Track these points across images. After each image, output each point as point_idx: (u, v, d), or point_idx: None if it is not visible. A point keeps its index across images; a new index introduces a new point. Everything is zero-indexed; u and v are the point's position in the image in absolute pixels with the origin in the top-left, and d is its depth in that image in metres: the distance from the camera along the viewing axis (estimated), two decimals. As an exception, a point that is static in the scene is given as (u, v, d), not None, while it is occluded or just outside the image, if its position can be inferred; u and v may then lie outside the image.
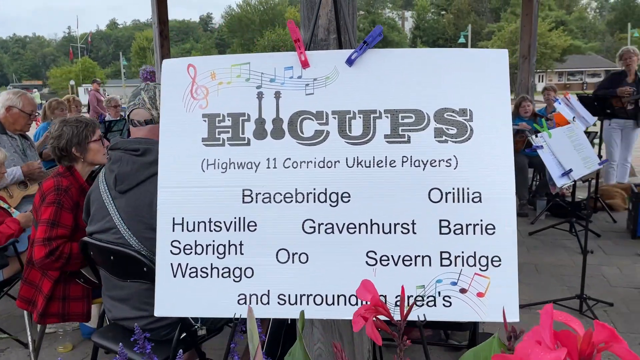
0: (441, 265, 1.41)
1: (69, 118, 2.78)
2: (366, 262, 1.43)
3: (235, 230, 1.47)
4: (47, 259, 2.52)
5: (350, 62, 1.46)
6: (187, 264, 1.48)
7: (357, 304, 1.42)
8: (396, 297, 1.41)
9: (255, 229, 1.46)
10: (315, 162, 1.45)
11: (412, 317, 1.38)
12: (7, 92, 4.02)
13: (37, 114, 4.14)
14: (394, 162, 1.43)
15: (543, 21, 39.59)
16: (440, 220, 1.41)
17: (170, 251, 1.50)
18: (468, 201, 1.41)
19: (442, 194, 1.42)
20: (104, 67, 78.23)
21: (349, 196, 1.44)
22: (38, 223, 2.60)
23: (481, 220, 1.40)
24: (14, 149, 3.88)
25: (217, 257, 1.47)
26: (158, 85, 2.27)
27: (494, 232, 1.40)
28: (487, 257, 1.40)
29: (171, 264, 1.49)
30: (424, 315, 1.39)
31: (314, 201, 1.44)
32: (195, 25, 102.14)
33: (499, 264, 1.39)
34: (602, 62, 47.50)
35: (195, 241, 1.48)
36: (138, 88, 2.23)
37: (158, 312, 1.53)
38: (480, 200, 1.40)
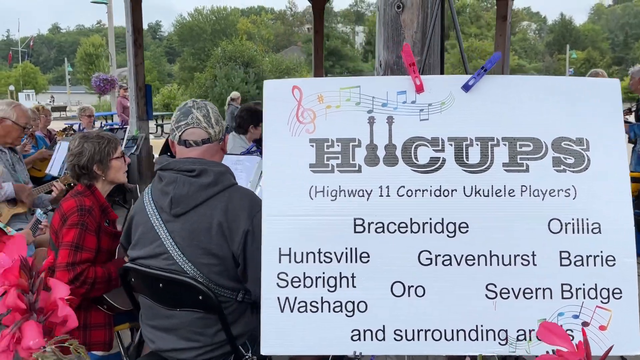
0: (562, 297, 1.38)
1: (89, 134, 2.59)
2: (486, 295, 1.39)
3: (346, 261, 1.39)
4: (71, 285, 2.33)
5: (467, 87, 1.43)
6: (296, 297, 1.39)
7: (477, 338, 1.38)
8: (518, 332, 1.37)
9: (368, 261, 1.39)
10: (430, 191, 1.40)
11: (537, 351, 1.34)
12: (0, 102, 3.73)
13: (30, 126, 3.87)
14: (513, 191, 1.40)
15: (491, 42, 41.39)
16: (561, 252, 1.39)
17: (277, 284, 1.40)
18: (588, 232, 1.39)
19: (561, 225, 1.40)
20: (46, 73, 75.00)
21: (467, 226, 1.40)
22: (59, 246, 2.40)
23: (601, 252, 1.39)
24: (3, 163, 3.61)
25: (328, 290, 1.39)
26: (208, 102, 2.15)
27: (614, 264, 1.39)
28: (608, 290, 1.39)
29: (278, 298, 1.40)
30: (552, 351, 1.36)
31: (430, 231, 1.39)
32: (144, 33, 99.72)
33: (620, 296, 1.38)
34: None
35: (304, 273, 1.39)
36: (186, 106, 2.10)
37: (265, 350, 1.42)
38: (599, 232, 1.40)
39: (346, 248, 1.39)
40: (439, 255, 1.39)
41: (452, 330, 1.38)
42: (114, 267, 2.47)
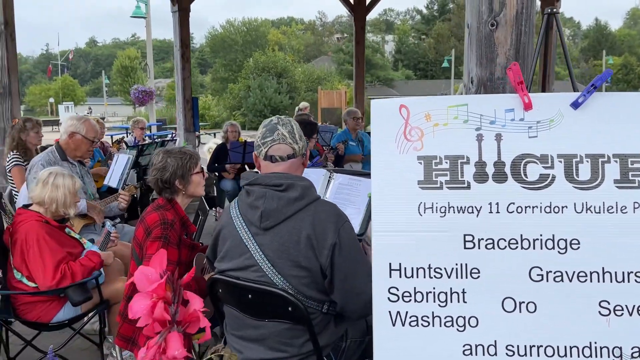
0: (679, 314, 1.38)
1: (172, 149, 2.69)
2: (599, 312, 1.39)
3: (457, 277, 1.41)
4: (156, 296, 2.41)
5: (576, 105, 1.44)
6: (407, 312, 1.42)
7: (590, 355, 1.38)
8: (632, 349, 1.37)
9: (478, 276, 1.41)
10: (541, 207, 1.41)
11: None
12: (70, 117, 3.90)
13: (98, 140, 4.03)
14: (625, 208, 1.41)
15: (525, 48, 40.68)
16: (676, 268, 1.39)
17: (388, 298, 1.43)
18: (702, 249, 1.38)
19: (676, 241, 1.39)
20: (83, 85, 77.31)
21: (578, 243, 1.40)
22: (143, 258, 2.49)
23: None
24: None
25: (439, 305, 1.41)
26: (291, 118, 2.21)
27: None
28: None
29: (389, 312, 1.43)
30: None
31: (541, 248, 1.40)
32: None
33: None
34: (580, 88, 48.94)
35: (415, 288, 1.42)
36: (271, 123, 2.16)
37: (378, 364, 1.45)
38: None
39: (456, 264, 1.42)
40: (550, 271, 1.40)
41: (565, 347, 1.38)
42: (194, 281, 2.54)
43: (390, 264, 1.44)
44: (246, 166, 6.85)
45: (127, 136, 12.13)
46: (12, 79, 5.36)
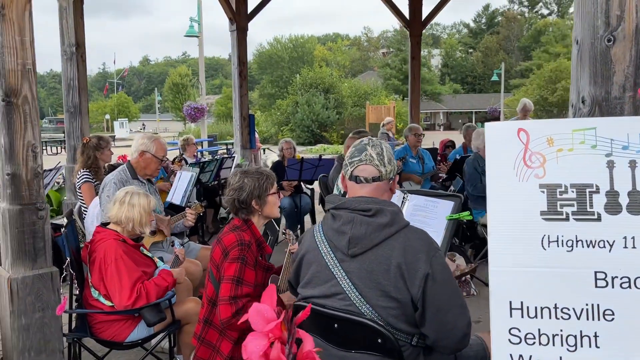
0: None
1: (249, 169, 2.66)
2: None
3: (587, 319, 1.28)
4: (233, 318, 2.36)
5: None
6: (531, 356, 1.29)
7: None
8: None
9: (612, 319, 1.27)
10: (685, 243, 1.26)
11: None
12: (141, 136, 3.96)
13: (166, 159, 4.07)
14: None
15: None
16: None
17: (509, 340, 1.31)
18: None
19: None
20: (136, 102, 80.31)
21: None
22: (220, 279, 2.45)
23: None
24: (144, 193, 3.80)
25: (567, 349, 1.28)
26: (383, 141, 2.13)
27: None
28: None
29: (510, 355, 1.30)
30: None
31: (687, 289, 1.25)
32: (225, 62, 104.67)
33: None
34: None
35: (539, 330, 1.30)
36: (361, 143, 2.09)
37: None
38: None
39: (586, 304, 1.28)
40: (698, 316, 1.24)
41: None
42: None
43: (510, 302, 1.32)
44: (302, 183, 6.82)
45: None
46: (82, 98, 5.54)
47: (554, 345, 1.28)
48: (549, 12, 72.10)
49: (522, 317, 1.31)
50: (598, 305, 1.28)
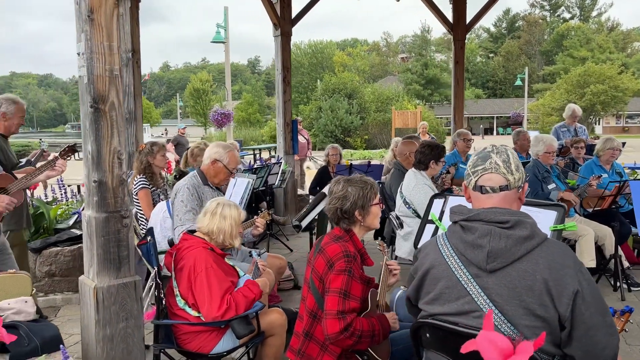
0: None
1: (352, 178, 2.57)
2: None
3: None
4: (341, 334, 2.27)
5: None
6: None
7: None
8: None
9: None
10: None
11: None
12: (216, 144, 3.92)
13: (237, 171, 4.02)
14: None
15: (613, 64, 38.66)
16: None
17: None
18: None
19: None
20: (157, 107, 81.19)
21: None
22: (325, 292, 2.36)
23: None
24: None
25: None
26: (509, 147, 2.02)
27: None
28: None
29: None
30: None
31: None
32: (244, 67, 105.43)
33: None
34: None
35: None
36: (485, 151, 1.98)
37: None
38: None
39: None
40: None
41: None
42: (378, 322, 2.38)
43: None
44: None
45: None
46: (137, 104, 5.53)
47: None
48: (571, 15, 71.20)
49: None
50: None
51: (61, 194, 6.06)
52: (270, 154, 19.94)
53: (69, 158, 3.66)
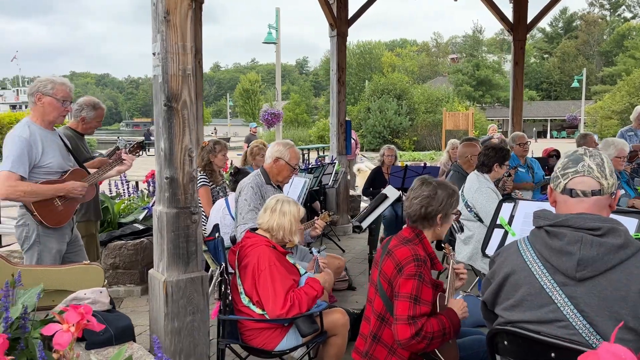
0: None
1: (443, 181, 2.52)
2: None
3: None
4: (412, 339, 2.23)
5: None
6: None
7: None
8: None
9: None
10: None
11: None
12: (277, 142, 3.97)
13: (299, 167, 4.04)
14: None
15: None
16: None
17: None
18: None
19: None
20: (207, 107, 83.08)
21: None
22: (395, 297, 2.33)
23: None
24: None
25: None
26: (602, 151, 1.93)
27: None
28: None
29: None
30: None
31: None
32: (292, 68, 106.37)
33: None
34: None
35: None
36: (576, 153, 1.89)
37: None
38: None
39: None
40: None
41: None
42: (447, 319, 2.34)
43: None
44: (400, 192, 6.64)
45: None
46: (199, 103, 5.63)
47: None
48: (632, 15, 67.96)
49: None
50: None
51: (124, 189, 6.28)
52: (318, 154, 19.99)
53: (137, 154, 3.78)
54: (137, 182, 8.04)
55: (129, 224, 5.52)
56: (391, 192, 3.82)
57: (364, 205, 9.33)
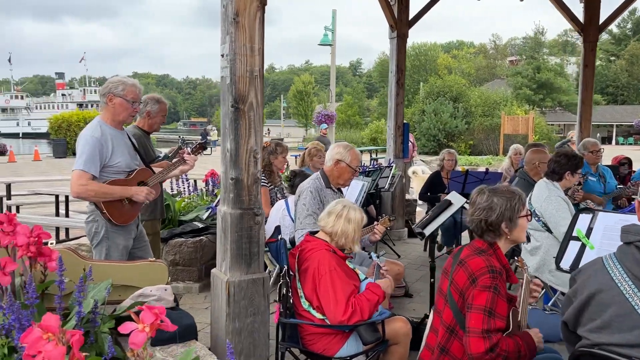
0: None
1: (497, 187, 2.41)
2: None
3: None
4: (486, 355, 2.12)
5: None
6: None
7: None
8: None
9: None
10: None
11: None
12: (336, 145, 3.93)
13: (360, 170, 3.99)
14: None
15: None
16: None
17: None
18: None
19: None
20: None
21: None
22: (467, 308, 2.23)
23: None
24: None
25: None
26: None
27: None
28: None
29: None
30: None
31: None
32: (345, 70, 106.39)
33: None
34: None
35: None
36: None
37: None
38: None
39: None
40: None
41: None
42: (523, 341, 2.21)
43: None
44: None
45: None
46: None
47: None
48: None
49: None
50: None
51: (184, 188, 6.43)
52: (370, 156, 19.85)
53: (199, 154, 3.83)
54: (195, 181, 8.24)
55: (189, 222, 5.64)
56: (456, 198, 3.69)
57: (419, 210, 9.16)
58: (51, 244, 3.05)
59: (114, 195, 3.24)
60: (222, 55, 3.00)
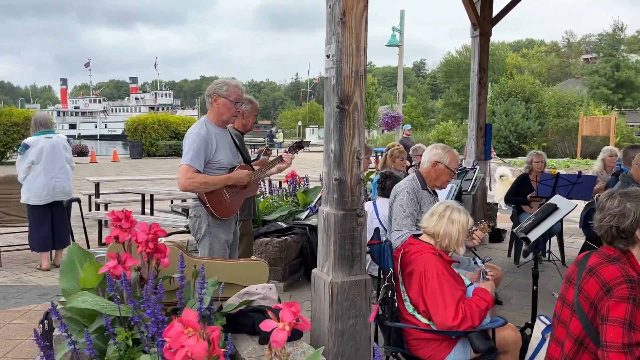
0: None
1: (629, 191, 2.25)
2: None
3: None
4: (628, 370, 1.98)
5: None
6: None
7: None
8: None
9: None
10: None
11: None
12: (434, 146, 3.84)
13: (456, 171, 3.88)
14: None
15: None
16: None
17: None
18: None
19: None
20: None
21: None
22: (602, 320, 2.09)
23: None
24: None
25: None
26: None
27: None
28: None
29: None
30: None
31: None
32: (409, 70, 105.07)
33: None
34: None
35: None
36: None
37: None
38: None
39: None
40: None
41: None
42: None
43: None
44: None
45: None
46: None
47: None
48: None
49: None
50: None
51: (266, 188, 6.52)
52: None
53: (296, 153, 3.88)
54: (279, 182, 8.38)
55: (272, 222, 5.72)
56: (562, 202, 3.49)
57: (500, 214, 8.83)
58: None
59: (217, 184, 3.34)
60: (328, 56, 3.00)
